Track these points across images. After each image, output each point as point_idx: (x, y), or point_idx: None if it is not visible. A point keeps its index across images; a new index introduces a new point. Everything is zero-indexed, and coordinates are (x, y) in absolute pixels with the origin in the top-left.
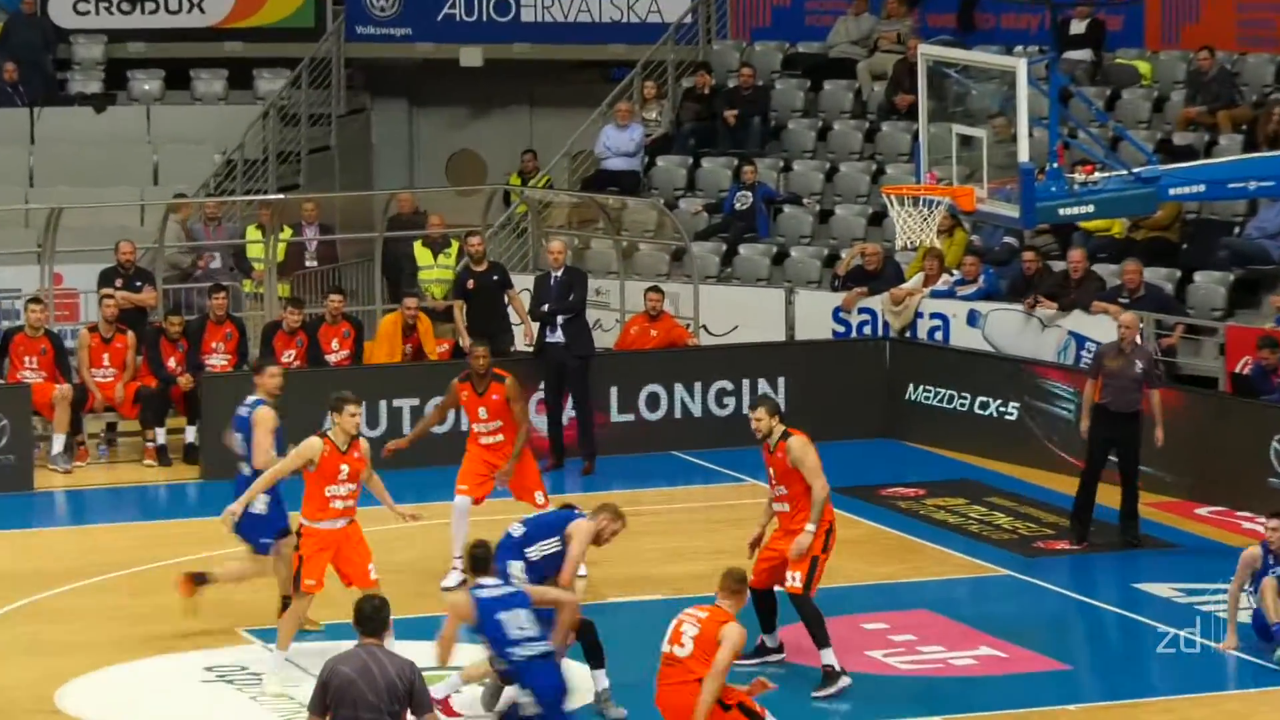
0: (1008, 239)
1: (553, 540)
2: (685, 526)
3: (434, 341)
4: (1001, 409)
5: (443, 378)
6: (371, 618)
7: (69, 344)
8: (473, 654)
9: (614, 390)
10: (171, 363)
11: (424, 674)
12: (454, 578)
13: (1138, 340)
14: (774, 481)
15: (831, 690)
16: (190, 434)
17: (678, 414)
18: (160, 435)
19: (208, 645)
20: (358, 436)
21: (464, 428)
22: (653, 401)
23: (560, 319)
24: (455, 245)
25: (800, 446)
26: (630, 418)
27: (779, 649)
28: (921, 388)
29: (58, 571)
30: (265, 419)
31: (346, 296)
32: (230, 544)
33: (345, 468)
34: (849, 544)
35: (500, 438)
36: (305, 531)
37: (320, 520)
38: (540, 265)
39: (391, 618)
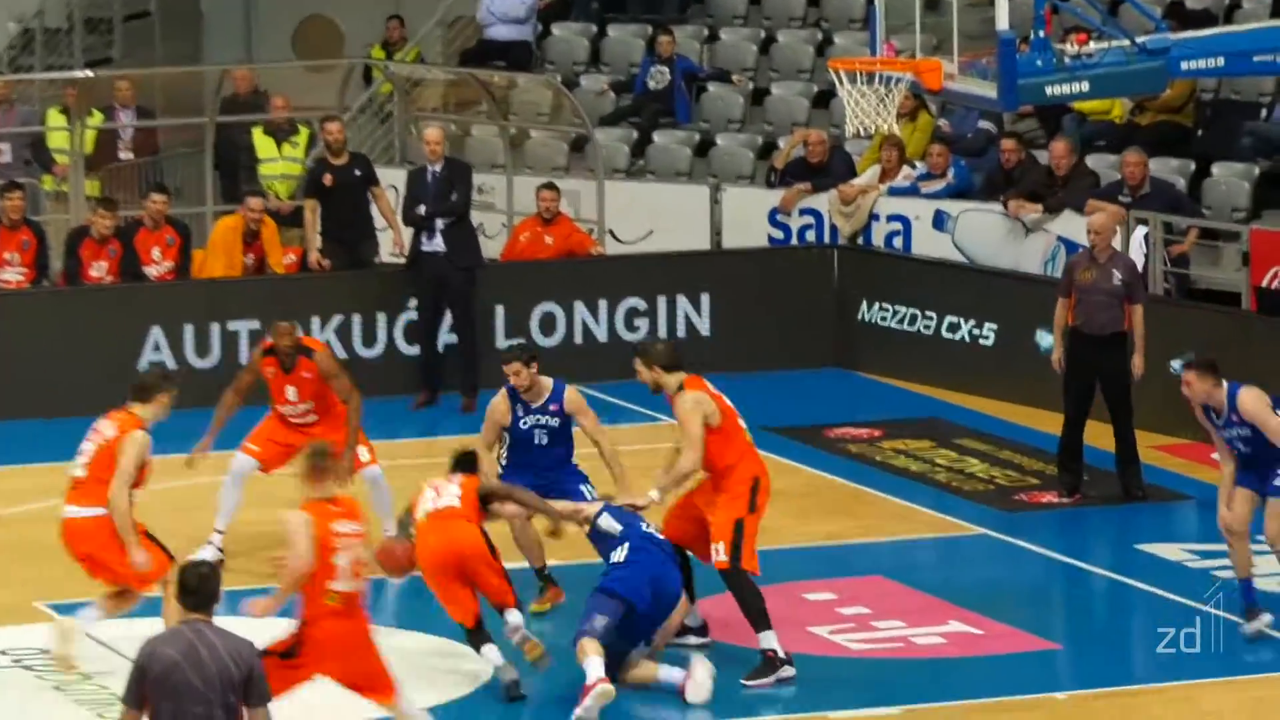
0: (983, 124)
1: None
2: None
3: (280, 250)
4: (975, 332)
5: (290, 296)
6: (198, 589)
7: None
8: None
9: (500, 310)
10: None
11: None
12: (209, 552)
13: (1114, 246)
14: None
15: (767, 680)
16: None
17: (578, 339)
18: None
19: (2, 623)
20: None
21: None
22: (548, 324)
23: (440, 223)
24: (304, 133)
25: (686, 406)
26: (520, 342)
27: (700, 629)
28: (877, 306)
29: None
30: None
31: (171, 196)
32: None
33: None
34: (788, 497)
35: (313, 419)
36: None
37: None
38: (411, 158)
39: (223, 588)
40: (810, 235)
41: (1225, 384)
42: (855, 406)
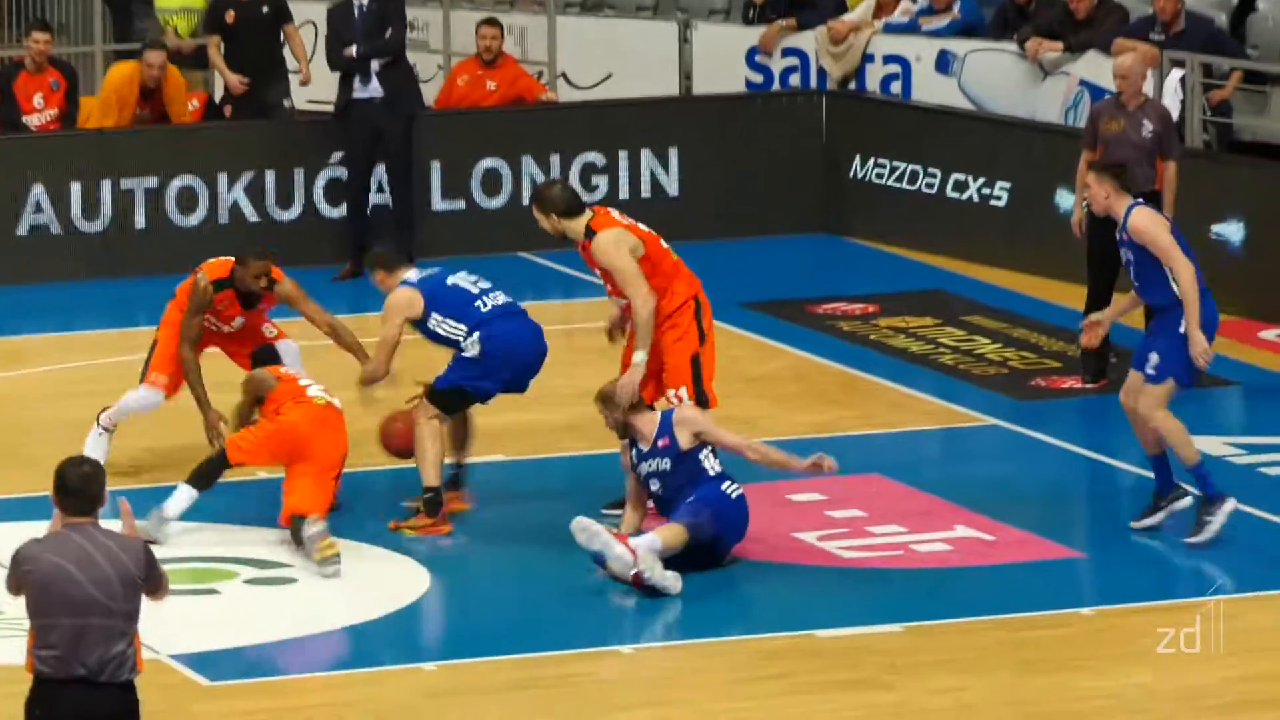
0: None
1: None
2: None
3: (184, 101)
4: (985, 191)
5: (193, 148)
6: (80, 489)
7: None
8: None
9: (436, 166)
10: None
11: None
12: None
13: (1145, 92)
14: (609, 289)
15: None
16: None
17: (526, 199)
18: None
19: None
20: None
21: None
22: (491, 182)
23: (375, 64)
24: None
25: (609, 248)
26: (459, 205)
27: None
28: (872, 161)
29: None
30: None
31: (54, 34)
32: None
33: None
34: (770, 383)
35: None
36: None
37: None
38: None
39: (107, 489)
40: (794, 79)
41: (1129, 198)
42: (847, 278)
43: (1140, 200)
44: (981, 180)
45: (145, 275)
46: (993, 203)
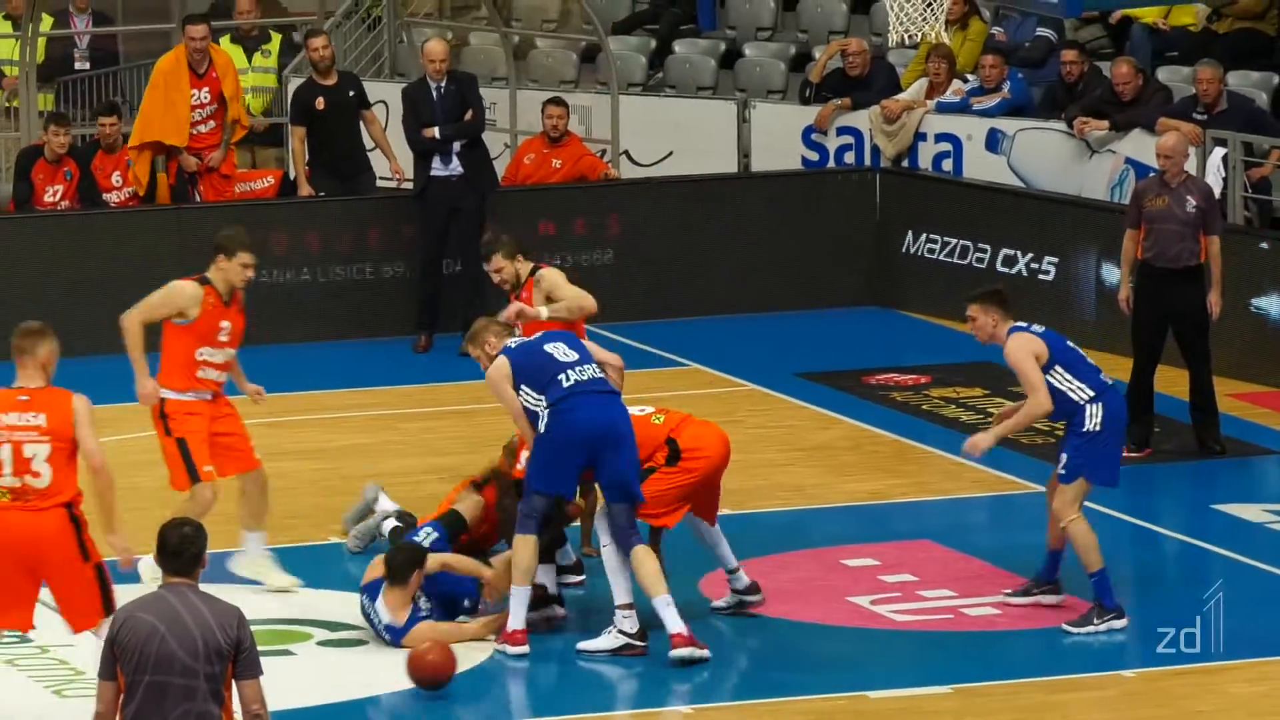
0: (1042, 32)
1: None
2: None
3: (235, 76)
4: (1034, 265)
5: (270, 217)
6: (179, 550)
7: None
8: None
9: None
10: None
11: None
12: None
13: (1187, 170)
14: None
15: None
16: None
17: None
18: None
19: None
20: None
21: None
22: (556, 255)
23: (456, 145)
24: (276, 40)
25: (552, 272)
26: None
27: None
28: (924, 236)
29: None
30: None
31: (122, 116)
32: None
33: (227, 325)
34: (823, 451)
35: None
36: (171, 407)
37: (186, 391)
38: (402, 70)
39: (208, 550)
40: (849, 157)
41: (1011, 323)
42: (899, 350)
43: (1022, 326)
44: (1030, 255)
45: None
46: (1041, 277)
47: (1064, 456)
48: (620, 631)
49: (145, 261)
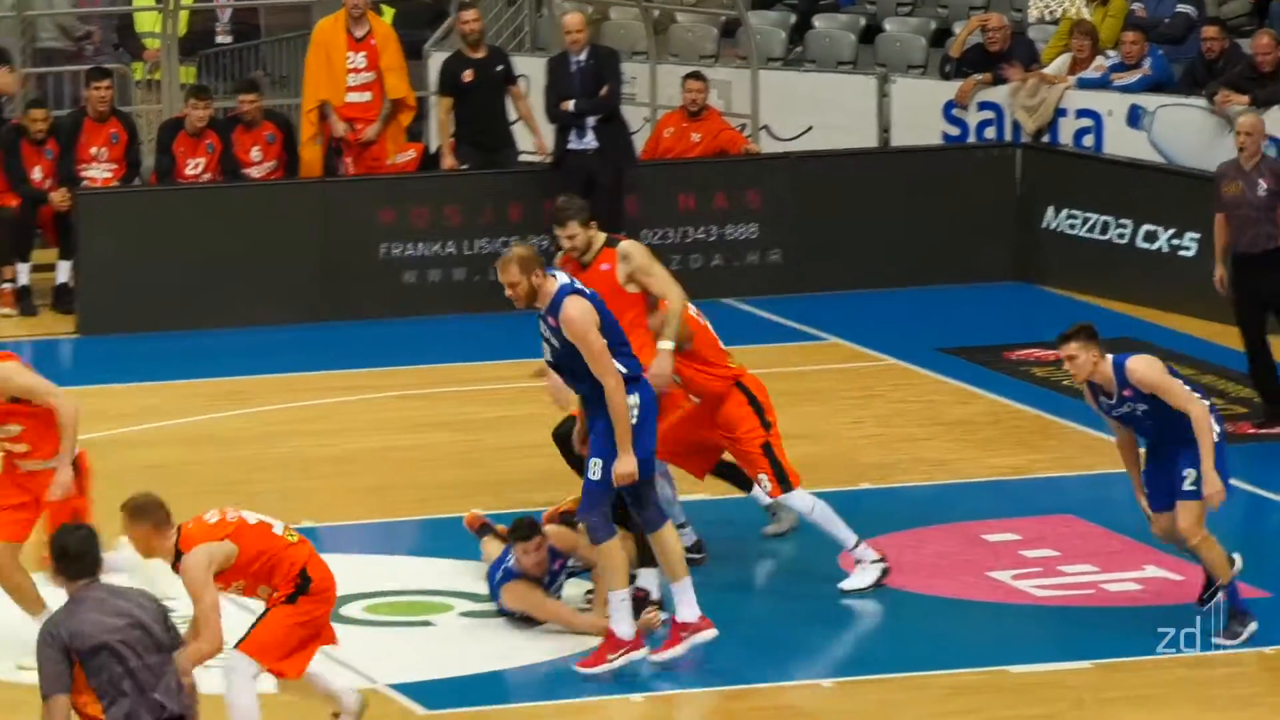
0: (1182, 8)
1: None
2: None
3: (396, 46)
4: (1175, 242)
5: (411, 191)
6: (84, 553)
7: None
8: None
9: (642, 213)
10: (37, 174)
11: None
12: None
13: (1265, 152)
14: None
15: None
16: (63, 271)
17: (726, 250)
18: (22, 273)
19: None
20: None
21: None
22: (694, 229)
23: (591, 119)
24: (389, 14)
25: (638, 248)
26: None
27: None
28: (1065, 212)
29: None
30: None
31: (262, 92)
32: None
33: None
34: (964, 425)
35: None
36: None
37: None
38: (542, 44)
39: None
40: (989, 132)
41: (1109, 356)
42: (1040, 325)
43: (1125, 355)
44: (1171, 231)
45: (362, 319)
46: (1182, 253)
47: (1190, 473)
48: (872, 563)
49: (286, 235)
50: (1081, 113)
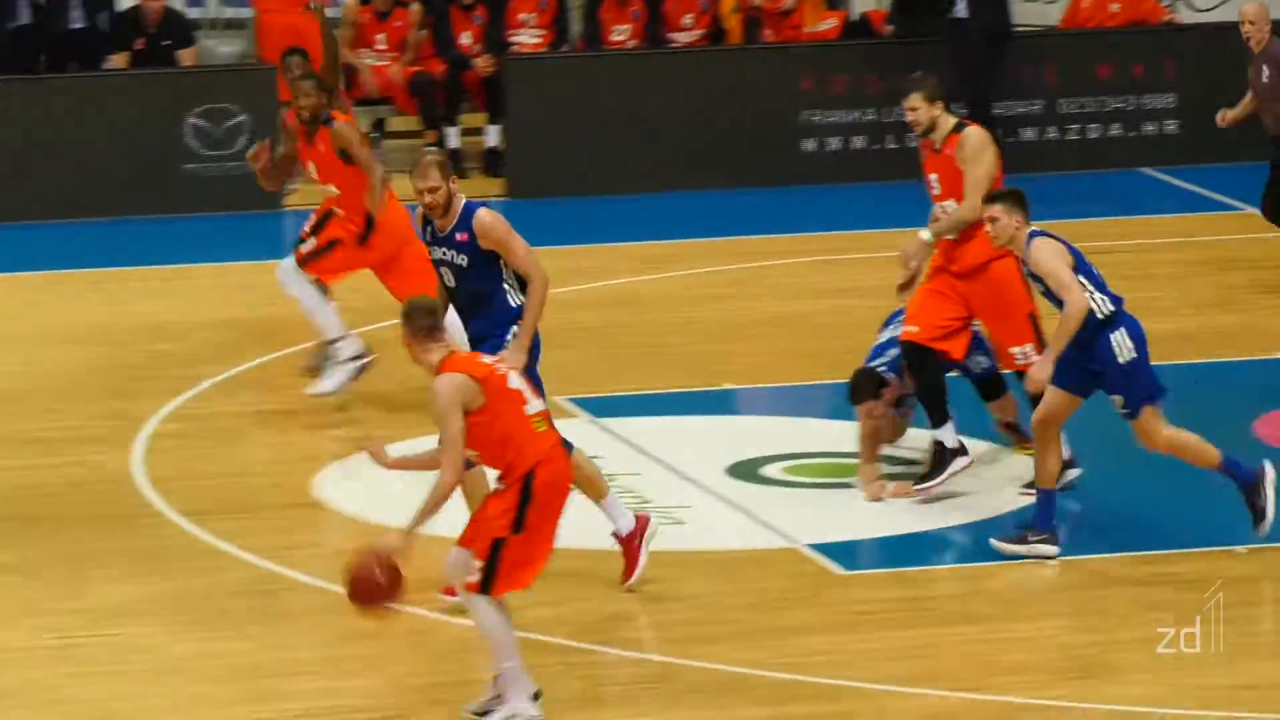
0: None
1: None
2: (1162, 281)
3: (821, 13)
4: None
5: (833, 60)
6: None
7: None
8: None
9: (1051, 78)
10: (466, 39)
11: None
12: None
13: (1272, 37)
14: (938, 193)
15: (936, 481)
16: (492, 136)
17: (1132, 120)
18: (451, 137)
19: None
20: None
21: None
22: (1107, 97)
23: None
24: None
25: (979, 139)
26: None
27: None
28: None
29: (300, 322)
30: None
31: None
32: None
33: None
34: None
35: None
36: None
37: None
38: None
39: None
40: None
41: (1030, 228)
42: None
43: (1041, 232)
44: None
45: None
46: None
47: (1118, 398)
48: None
49: (707, 103)
50: None
